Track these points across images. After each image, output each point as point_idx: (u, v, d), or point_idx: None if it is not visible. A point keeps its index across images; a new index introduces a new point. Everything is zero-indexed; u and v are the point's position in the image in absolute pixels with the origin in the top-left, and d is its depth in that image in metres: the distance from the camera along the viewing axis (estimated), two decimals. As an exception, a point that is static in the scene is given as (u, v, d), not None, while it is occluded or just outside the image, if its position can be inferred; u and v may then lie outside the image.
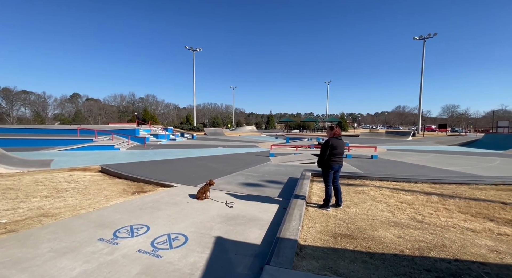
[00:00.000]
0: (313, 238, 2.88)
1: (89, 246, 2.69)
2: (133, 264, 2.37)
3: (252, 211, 4.09)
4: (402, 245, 2.62)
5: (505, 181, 5.97)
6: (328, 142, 4.02)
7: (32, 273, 2.15)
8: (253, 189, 5.90)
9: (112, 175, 7.44)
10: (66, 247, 2.66)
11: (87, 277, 2.14)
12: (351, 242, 2.74)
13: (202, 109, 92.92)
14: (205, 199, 4.72)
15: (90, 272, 2.20)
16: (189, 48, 46.04)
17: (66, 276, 2.14)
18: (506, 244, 2.71)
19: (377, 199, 4.64)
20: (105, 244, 2.77)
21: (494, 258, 2.35)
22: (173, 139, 23.33)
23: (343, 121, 51.75)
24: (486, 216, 3.77)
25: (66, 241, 2.81)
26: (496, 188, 5.61)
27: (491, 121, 56.71)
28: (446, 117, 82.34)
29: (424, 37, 38.10)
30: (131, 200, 4.64)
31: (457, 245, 2.63)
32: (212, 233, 3.18)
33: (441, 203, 4.44)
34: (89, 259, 2.43)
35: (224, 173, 7.80)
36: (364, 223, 3.34)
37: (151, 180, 6.47)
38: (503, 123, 29.57)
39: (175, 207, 4.24)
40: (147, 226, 3.37)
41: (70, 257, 2.47)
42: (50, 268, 2.25)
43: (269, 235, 3.17)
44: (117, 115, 66.03)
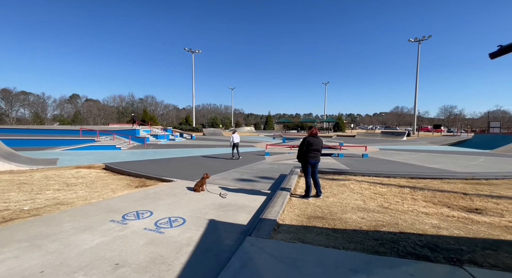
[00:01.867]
0: (290, 219, 3.44)
1: (103, 225, 3.24)
2: (140, 238, 2.91)
3: (243, 201, 4.64)
4: (362, 224, 3.19)
5: (474, 176, 6.56)
6: (305, 139, 4.59)
7: (61, 242, 2.70)
8: (246, 184, 6.45)
9: (116, 172, 7.98)
10: (84, 226, 3.21)
11: (105, 245, 2.68)
12: (321, 221, 3.30)
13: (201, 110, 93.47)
14: (202, 191, 5.27)
15: (107, 242, 2.75)
16: (188, 50, 46.61)
17: (88, 244, 2.69)
18: (448, 222, 3.28)
19: (354, 190, 5.20)
20: (116, 224, 3.32)
21: (431, 231, 2.91)
22: (172, 139, 23.87)
23: (341, 122, 52.43)
24: (445, 204, 4.34)
25: (83, 222, 3.35)
26: (465, 181, 6.19)
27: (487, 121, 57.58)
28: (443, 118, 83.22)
29: (419, 40, 38.85)
30: (135, 192, 5.19)
31: (407, 223, 3.20)
32: (206, 217, 3.73)
33: (410, 194, 5.01)
34: (105, 234, 2.98)
35: (221, 170, 8.34)
36: (337, 209, 3.91)
37: (152, 176, 7.01)
38: (495, 123, 30.39)
39: (175, 197, 4.79)
40: (151, 211, 3.91)
41: (89, 232, 3.01)
42: (74, 240, 2.80)
43: (254, 218, 3.73)
44: (116, 116, 66.47)
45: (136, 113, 61.95)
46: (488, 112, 70.79)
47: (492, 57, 2.76)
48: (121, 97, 74.53)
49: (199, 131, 41.03)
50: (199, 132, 39.13)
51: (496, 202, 4.37)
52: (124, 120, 57.95)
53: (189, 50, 46.68)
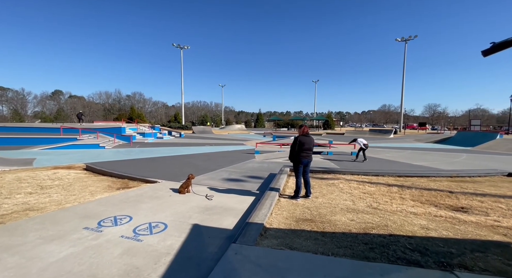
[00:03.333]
0: (278, 222, 3.30)
1: (75, 234, 2.97)
2: (115, 247, 2.68)
3: (230, 202, 4.46)
4: (351, 226, 3.09)
5: (459, 174, 6.68)
6: (297, 139, 4.46)
7: (23, 255, 2.43)
8: (234, 184, 6.27)
9: (97, 173, 7.58)
10: (53, 235, 2.93)
11: (73, 257, 2.44)
12: (310, 225, 3.18)
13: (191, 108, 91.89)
14: (187, 193, 5.05)
15: (77, 254, 2.50)
16: (177, 46, 45.57)
17: (54, 257, 2.43)
18: (436, 223, 3.24)
19: (344, 190, 5.14)
20: (90, 231, 3.06)
21: (420, 233, 2.85)
22: (160, 137, 23.27)
23: (330, 120, 53.03)
24: (432, 203, 4.34)
25: (53, 230, 3.07)
26: (450, 179, 6.29)
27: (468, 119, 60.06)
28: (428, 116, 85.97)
29: (406, 39, 39.69)
30: (115, 194, 4.89)
31: (396, 225, 3.13)
32: (190, 221, 3.53)
33: (398, 193, 5.00)
34: (75, 244, 2.72)
35: (209, 170, 8.11)
36: (325, 210, 3.80)
37: (136, 177, 6.69)
38: (476, 122, 31.70)
39: (158, 200, 4.55)
40: (130, 216, 3.66)
41: (57, 243, 2.74)
42: (39, 252, 2.53)
43: (241, 221, 3.56)
44: (102, 113, 64.25)
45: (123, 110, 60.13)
46: (469, 111, 73.82)
47: (485, 55, 2.70)
48: (107, 94, 72.01)
49: (188, 129, 40.32)
50: (189, 130, 38.46)
51: (480, 200, 4.41)
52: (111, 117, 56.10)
53: (178, 46, 45.66)
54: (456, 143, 19.91)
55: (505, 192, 5.00)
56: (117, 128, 19.84)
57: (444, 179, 6.36)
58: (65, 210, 3.85)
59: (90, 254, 2.51)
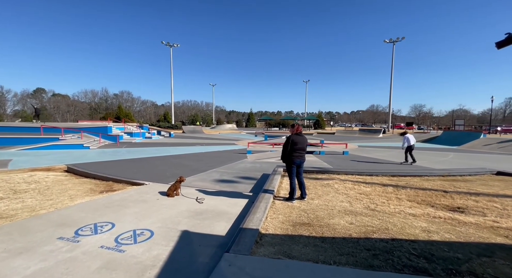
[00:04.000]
0: (274, 227, 3.09)
1: (47, 246, 2.64)
2: (93, 260, 2.39)
3: (221, 206, 4.22)
4: (351, 230, 2.93)
5: (450, 173, 6.73)
6: (289, 138, 4.27)
7: (-18, 273, 2.10)
8: (226, 185, 6.02)
9: (79, 175, 7.12)
10: (22, 248, 2.59)
11: (42, 274, 2.13)
12: (307, 229, 2.99)
13: (181, 107, 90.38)
14: (176, 196, 4.76)
15: (46, 270, 2.19)
16: (166, 44, 44.56)
17: (19, 275, 2.12)
18: (437, 225, 3.14)
19: (339, 191, 5.01)
20: (65, 242, 2.74)
21: (423, 237, 2.72)
22: (148, 137, 22.61)
23: (321, 120, 53.54)
24: (428, 203, 4.27)
25: (21, 242, 2.72)
26: (443, 179, 6.31)
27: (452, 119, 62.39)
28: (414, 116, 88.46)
29: (394, 41, 40.55)
30: (97, 198, 4.54)
31: (397, 228, 3.00)
32: (178, 227, 3.26)
33: (394, 193, 4.92)
34: (46, 257, 2.41)
35: (199, 171, 7.82)
36: (323, 213, 3.64)
37: (121, 179, 6.31)
38: (460, 121, 32.86)
39: (144, 204, 4.24)
40: (112, 223, 3.35)
41: (25, 256, 2.42)
42: (2, 268, 2.20)
43: (235, 227, 3.33)
44: (88, 112, 62.00)
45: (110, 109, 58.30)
46: (453, 111, 76.65)
47: (499, 47, 2.61)
48: (93, 93, 69.57)
49: (178, 128, 39.53)
50: (179, 129, 37.68)
51: (475, 200, 4.39)
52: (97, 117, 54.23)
53: (167, 44, 44.63)
54: (442, 142, 20.45)
55: (497, 191, 5.02)
56: (103, 127, 19.05)
57: (437, 178, 6.37)
58: (38, 218, 3.49)
59: (62, 269, 2.20)
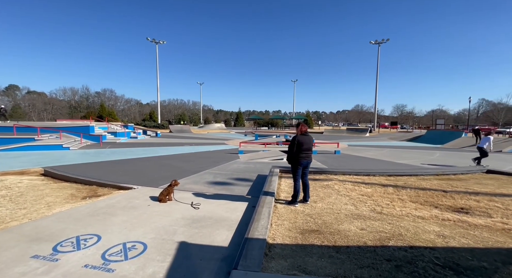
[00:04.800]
0: (282, 236, 2.84)
1: (18, 267, 2.24)
2: (77, 283, 2.02)
3: (220, 211, 3.92)
4: (365, 237, 2.74)
5: (444, 172, 6.80)
6: (295, 138, 4.05)
7: None
8: (221, 188, 5.71)
9: (58, 179, 6.51)
10: (-13, 270, 2.17)
11: (13, 306, 1.75)
12: (318, 237, 2.77)
13: (168, 106, 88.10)
14: (169, 201, 4.39)
15: (19, 299, 1.81)
16: (152, 40, 43.14)
17: (-17, 307, 1.73)
18: (449, 229, 3.02)
19: (341, 192, 4.85)
20: (41, 262, 2.34)
21: (441, 243, 2.58)
22: (134, 136, 21.66)
23: (309, 119, 54.12)
24: (432, 204, 4.19)
25: (-13, 263, 2.29)
26: (438, 177, 6.36)
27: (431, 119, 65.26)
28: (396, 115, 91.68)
29: (379, 42, 41.65)
30: (79, 206, 4.08)
31: (411, 233, 2.84)
32: (175, 238, 2.93)
33: (395, 194, 4.83)
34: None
35: (191, 172, 7.43)
36: (330, 217, 3.43)
37: (106, 182, 5.81)
38: (440, 121, 34.45)
39: (134, 211, 3.85)
40: (98, 235, 2.96)
41: (-8, 282, 2.01)
42: (-40, 300, 1.80)
43: (237, 235, 3.05)
44: (68, 111, 58.82)
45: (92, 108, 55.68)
46: (433, 111, 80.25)
47: None
48: (73, 90, 66.07)
49: (165, 128, 38.42)
50: (165, 129, 36.62)
51: (476, 200, 4.37)
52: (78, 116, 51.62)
53: (153, 41, 43.22)
54: (426, 141, 21.15)
55: (494, 190, 5.07)
56: (84, 127, 17.99)
57: (432, 177, 6.41)
58: (8, 231, 3.02)
59: (38, 298, 1.83)
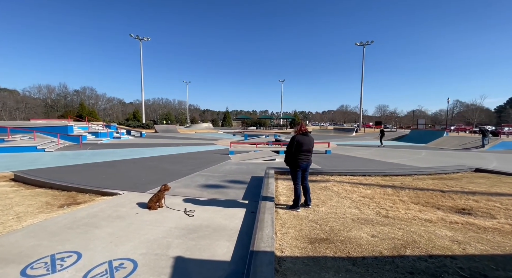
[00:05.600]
0: (290, 246, 2.59)
1: (-24, 299, 1.82)
2: (52, 319, 1.65)
3: (217, 219, 3.60)
4: (379, 246, 2.54)
5: (436, 171, 6.88)
6: (294, 138, 3.81)
7: None
8: (215, 192, 5.38)
9: (31, 184, 5.88)
10: None
11: None
12: (329, 247, 2.54)
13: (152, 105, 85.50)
14: (159, 208, 4.01)
15: None
16: (135, 37, 41.50)
17: None
18: (461, 233, 2.92)
19: (341, 195, 4.69)
20: (7, 291, 1.93)
21: (459, 250, 2.44)
22: (117, 137, 20.63)
23: (297, 119, 54.52)
24: (433, 205, 4.12)
25: None
26: (431, 177, 6.40)
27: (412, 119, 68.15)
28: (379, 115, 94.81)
29: (364, 44, 42.73)
30: (56, 217, 3.60)
31: (424, 239, 2.69)
32: (169, 253, 2.59)
33: (395, 195, 4.74)
34: (-26, 322, 1.61)
35: (181, 175, 7.02)
36: (336, 223, 3.23)
37: (87, 188, 5.29)
38: (422, 121, 35.90)
39: (120, 221, 3.44)
40: (78, 253, 2.55)
41: None
42: None
43: (239, 247, 2.76)
44: (43, 110, 55.23)
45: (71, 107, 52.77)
46: (413, 111, 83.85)
47: None
48: (49, 88, 62.16)
49: (150, 128, 37.13)
50: (150, 129, 35.38)
51: (475, 200, 4.37)
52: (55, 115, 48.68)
53: (136, 37, 41.59)
54: (411, 140, 21.86)
55: (488, 189, 5.13)
56: (62, 127, 16.84)
57: (426, 176, 6.44)
58: (-33, 252, 2.54)
59: None
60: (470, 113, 64.76)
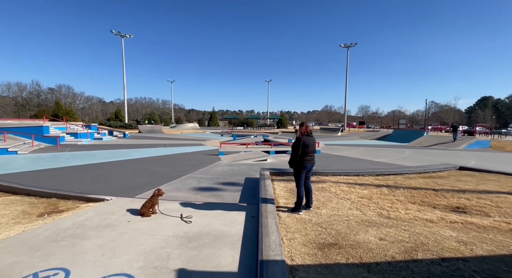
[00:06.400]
0: (300, 253, 2.47)
1: None
2: None
3: (216, 224, 3.42)
4: (390, 250, 2.49)
5: (425, 170, 7.10)
6: (300, 139, 3.71)
7: None
8: (209, 195, 5.17)
9: (3, 191, 5.33)
10: None
11: None
12: (340, 253, 2.45)
13: (134, 104, 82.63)
14: (153, 214, 3.74)
15: None
16: (117, 34, 39.75)
17: None
18: (463, 233, 2.96)
19: (340, 196, 4.66)
20: (-18, 322, 1.64)
21: (467, 251, 2.45)
22: (98, 138, 19.59)
23: (284, 119, 54.94)
24: (430, 204, 4.20)
25: None
26: (421, 176, 6.58)
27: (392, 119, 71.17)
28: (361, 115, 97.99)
29: (348, 46, 43.86)
30: (36, 228, 3.23)
31: (432, 241, 2.69)
32: (170, 265, 2.38)
33: (391, 194, 4.79)
34: None
35: (171, 177, 6.71)
36: (341, 226, 3.16)
37: (69, 194, 4.87)
38: (402, 121, 37.51)
39: (111, 231, 3.15)
40: (66, 270, 2.27)
41: None
42: None
43: (245, 255, 2.60)
44: (13, 109, 51.37)
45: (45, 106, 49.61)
46: (393, 112, 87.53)
47: None
48: (20, 86, 57.92)
49: (133, 128, 35.71)
50: (134, 129, 34.04)
51: (466, 198, 4.50)
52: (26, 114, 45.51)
53: (118, 34, 39.85)
54: (394, 139, 22.67)
55: (475, 186, 5.34)
56: (36, 127, 15.70)
57: (416, 175, 6.62)
58: None
59: None
60: (444, 113, 68.68)
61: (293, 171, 3.86)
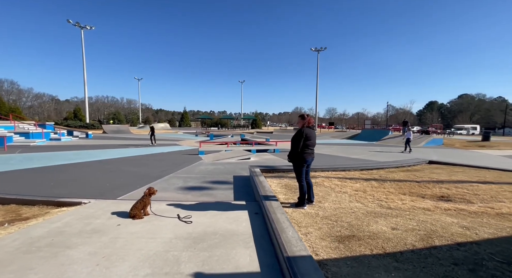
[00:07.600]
0: (322, 247, 2.36)
1: None
2: None
3: (221, 223, 3.15)
4: (407, 238, 2.53)
5: (402, 164, 7.62)
6: (302, 131, 3.61)
7: None
8: (200, 194, 4.85)
9: None
10: None
11: None
12: (362, 244, 2.41)
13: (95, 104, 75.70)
14: (145, 216, 3.33)
15: None
16: (75, 24, 35.87)
17: None
18: (461, 219, 3.16)
19: (335, 189, 4.71)
20: None
21: (476, 237, 2.58)
22: (56, 138, 17.43)
23: (258, 120, 55.26)
24: (418, 195, 4.46)
25: None
26: (400, 169, 7.04)
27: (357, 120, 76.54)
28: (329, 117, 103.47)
29: (318, 49, 45.87)
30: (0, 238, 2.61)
31: (440, 228, 2.80)
32: (183, 270, 2.08)
33: (382, 187, 4.99)
34: None
35: (152, 178, 6.17)
36: (350, 218, 3.15)
37: (33, 198, 4.12)
38: (368, 122, 40.61)
39: (100, 236, 2.69)
40: (53, 287, 1.84)
41: None
42: None
43: (263, 254, 2.41)
44: None
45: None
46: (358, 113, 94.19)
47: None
48: (-51, 77, 49.10)
49: (96, 128, 32.68)
50: (97, 129, 31.15)
51: (446, 188, 4.89)
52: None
53: (76, 24, 35.95)
54: (363, 138, 24.23)
55: (449, 177, 5.85)
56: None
57: (395, 169, 7.06)
58: None
59: None
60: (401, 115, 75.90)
61: (292, 165, 3.74)
